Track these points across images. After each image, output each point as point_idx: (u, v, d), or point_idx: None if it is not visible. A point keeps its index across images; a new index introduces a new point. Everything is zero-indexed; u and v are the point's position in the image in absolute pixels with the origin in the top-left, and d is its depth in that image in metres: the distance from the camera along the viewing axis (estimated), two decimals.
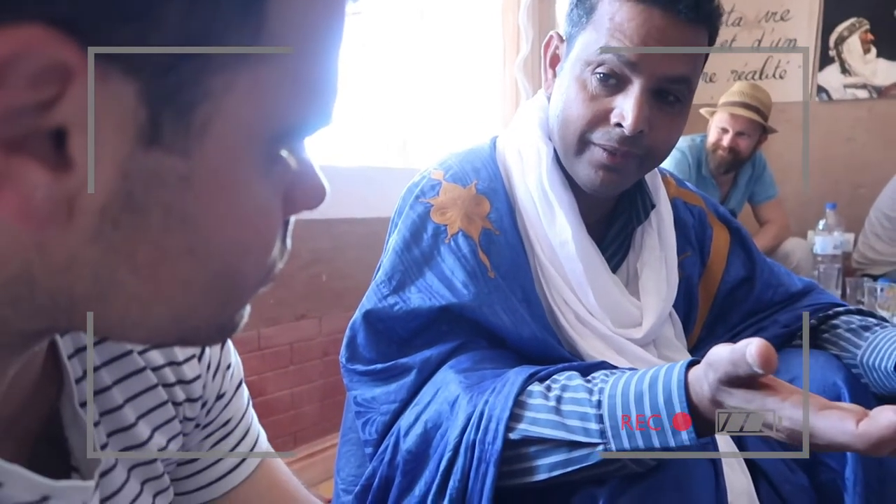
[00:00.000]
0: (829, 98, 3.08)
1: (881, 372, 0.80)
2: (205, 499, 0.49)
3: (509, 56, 2.35)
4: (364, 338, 0.77)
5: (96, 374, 0.39)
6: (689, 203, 0.99)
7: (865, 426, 0.47)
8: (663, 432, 0.57)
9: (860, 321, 0.89)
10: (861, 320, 0.90)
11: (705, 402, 0.56)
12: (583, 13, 0.77)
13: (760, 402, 0.52)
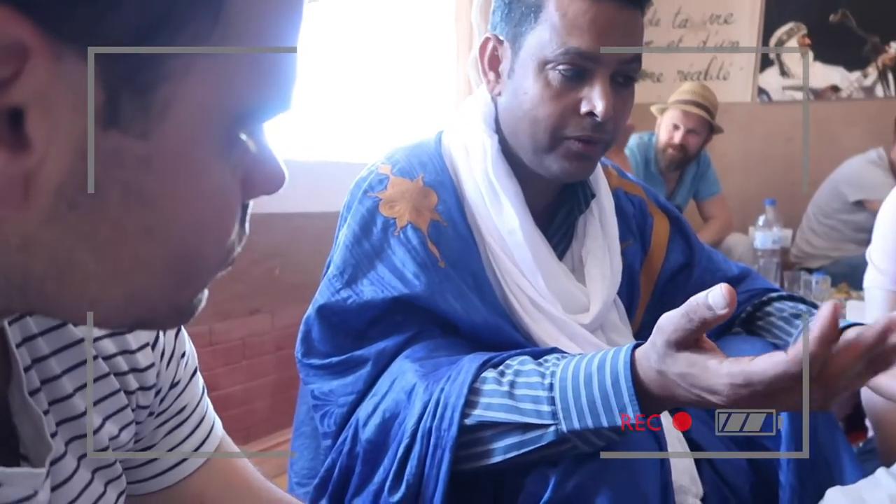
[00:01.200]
0: (770, 99, 3.19)
1: None
2: (159, 486, 0.49)
3: (462, 53, 2.37)
4: (319, 332, 0.78)
5: (45, 363, 0.39)
6: (630, 193, 1.03)
7: (794, 351, 0.51)
8: (610, 412, 0.60)
9: (791, 308, 0.94)
10: (793, 307, 0.94)
11: (651, 375, 0.58)
12: (528, 13, 0.79)
13: (703, 363, 0.54)
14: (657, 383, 0.58)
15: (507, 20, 0.82)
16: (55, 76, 0.23)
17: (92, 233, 0.26)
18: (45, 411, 0.37)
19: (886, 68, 2.97)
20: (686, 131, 2.38)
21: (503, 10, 0.83)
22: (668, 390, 0.58)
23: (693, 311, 0.53)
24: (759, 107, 3.21)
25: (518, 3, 0.80)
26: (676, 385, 0.57)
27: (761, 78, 3.20)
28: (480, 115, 0.86)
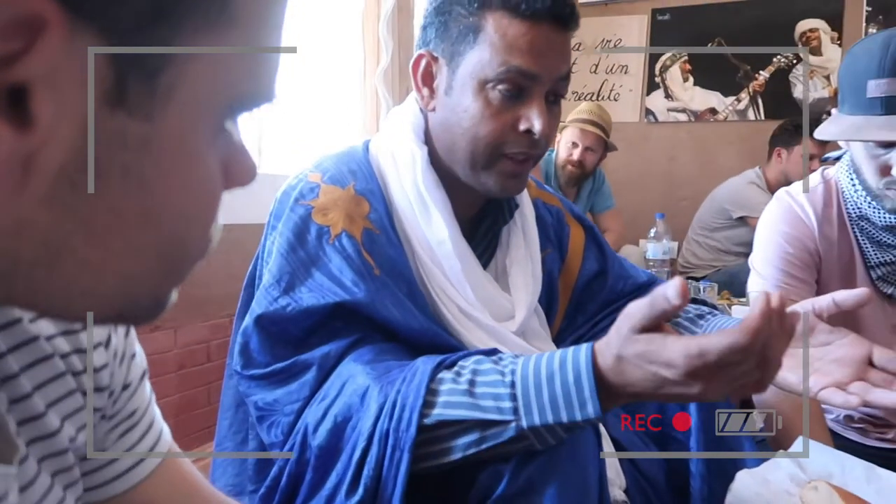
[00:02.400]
0: (656, 120, 3.42)
1: None
2: (113, 492, 0.47)
3: (370, 67, 2.39)
4: (258, 342, 0.75)
5: (3, 361, 0.37)
6: (548, 203, 1.07)
7: (745, 324, 0.55)
8: (571, 408, 0.62)
9: (696, 310, 1.01)
10: (696, 309, 1.02)
11: (610, 364, 0.60)
12: (466, 32, 0.80)
13: (661, 339, 0.57)
14: (615, 371, 0.60)
15: (443, 38, 0.83)
16: (67, 52, 0.22)
17: (89, 217, 0.26)
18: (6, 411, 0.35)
19: (757, 94, 3.26)
20: (584, 149, 2.51)
21: (438, 28, 0.84)
22: (626, 376, 0.60)
23: (655, 301, 0.57)
24: (646, 126, 3.43)
25: (455, 22, 0.82)
26: (634, 367, 0.59)
27: (648, 100, 3.42)
28: (410, 126, 0.87)
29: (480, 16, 0.79)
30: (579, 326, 1.06)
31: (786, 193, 1.24)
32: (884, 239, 1.14)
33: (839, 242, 1.19)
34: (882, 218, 1.11)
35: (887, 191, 1.07)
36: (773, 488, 0.75)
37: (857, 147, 1.11)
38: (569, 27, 0.81)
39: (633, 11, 3.43)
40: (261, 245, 0.85)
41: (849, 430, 1.27)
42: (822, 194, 1.20)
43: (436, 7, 0.85)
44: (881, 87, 1.01)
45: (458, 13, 0.81)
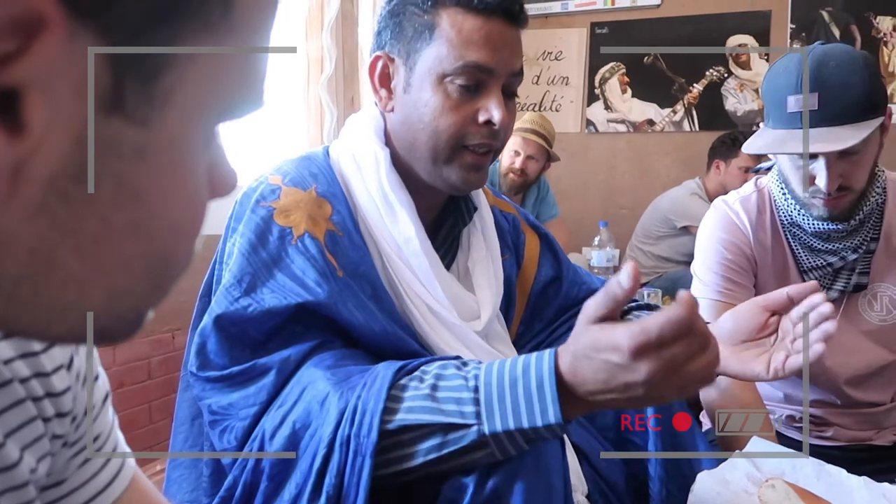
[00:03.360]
0: (596, 130, 3.50)
1: None
2: None
3: (313, 75, 2.36)
4: (215, 343, 0.73)
5: None
6: (504, 211, 1.09)
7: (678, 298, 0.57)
8: (532, 414, 0.62)
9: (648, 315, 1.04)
10: (648, 314, 1.04)
11: (567, 364, 0.61)
12: (421, 30, 0.82)
13: (609, 327, 0.58)
14: (571, 370, 0.60)
15: (398, 38, 0.85)
16: (65, 54, 0.21)
17: (78, 228, 0.24)
18: None
19: (691, 106, 3.38)
20: (525, 157, 2.54)
21: (393, 29, 0.86)
22: (579, 371, 0.60)
23: (608, 288, 0.59)
24: (587, 136, 3.51)
25: (410, 21, 0.83)
26: (586, 359, 0.59)
27: (588, 111, 3.50)
28: (371, 129, 0.88)
29: (435, 13, 0.82)
30: (537, 333, 1.07)
31: (722, 202, 1.29)
32: (815, 244, 1.20)
33: (773, 248, 1.24)
34: (811, 224, 1.17)
35: (813, 199, 1.13)
36: (732, 488, 0.77)
37: (783, 159, 1.16)
38: (519, 23, 0.84)
39: (573, 24, 3.50)
40: (218, 250, 0.83)
41: (790, 429, 1.32)
42: (756, 202, 1.25)
43: (390, 10, 0.87)
44: (799, 102, 1.07)
45: (412, 12, 0.83)
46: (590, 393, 0.61)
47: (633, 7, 3.41)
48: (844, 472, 0.82)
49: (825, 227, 1.16)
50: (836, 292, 1.21)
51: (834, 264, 1.20)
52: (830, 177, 1.07)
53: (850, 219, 1.15)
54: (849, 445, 1.27)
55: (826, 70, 1.05)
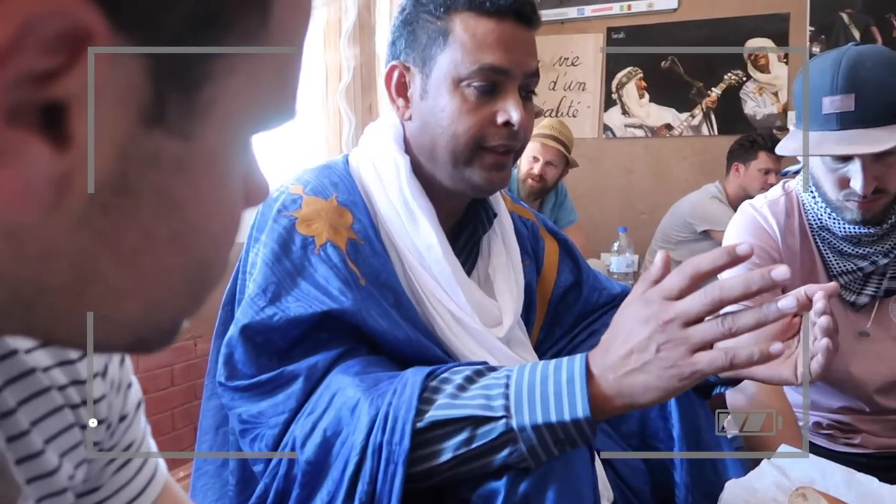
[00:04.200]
0: (614, 135, 3.49)
1: None
2: None
3: (332, 84, 2.37)
4: (242, 353, 0.73)
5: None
6: (524, 217, 1.08)
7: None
8: (561, 408, 0.62)
9: None
10: None
11: (596, 358, 0.63)
12: (435, 37, 0.83)
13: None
14: (601, 362, 0.63)
15: (413, 47, 0.85)
16: (108, 68, 0.21)
17: (119, 240, 0.24)
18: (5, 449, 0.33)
19: (710, 110, 3.35)
20: (544, 163, 2.54)
21: (407, 38, 0.86)
22: (607, 358, 0.63)
23: (643, 277, 0.65)
24: (604, 142, 3.50)
25: (423, 29, 0.84)
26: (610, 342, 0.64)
27: (606, 116, 3.48)
28: (391, 137, 0.88)
29: (448, 19, 0.82)
30: (558, 339, 1.07)
31: (749, 206, 1.28)
32: (844, 248, 1.18)
33: (801, 252, 1.22)
34: (842, 228, 1.15)
35: (846, 202, 1.11)
36: (760, 496, 0.76)
37: (815, 161, 1.15)
38: (531, 24, 0.84)
39: (589, 30, 3.50)
40: (240, 259, 0.84)
41: (817, 436, 1.30)
42: (784, 206, 1.24)
43: (403, 19, 0.87)
44: (835, 103, 1.06)
45: (425, 20, 0.84)
46: (617, 383, 0.62)
47: (650, 11, 3.40)
48: (876, 481, 0.81)
49: (856, 230, 1.14)
50: (866, 297, 1.19)
51: (864, 269, 1.18)
52: (866, 179, 1.06)
53: (883, 222, 1.14)
54: (877, 453, 1.24)
55: (863, 71, 1.04)
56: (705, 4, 3.31)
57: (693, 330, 0.60)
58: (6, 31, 0.19)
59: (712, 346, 0.61)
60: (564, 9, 3.49)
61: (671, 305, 0.61)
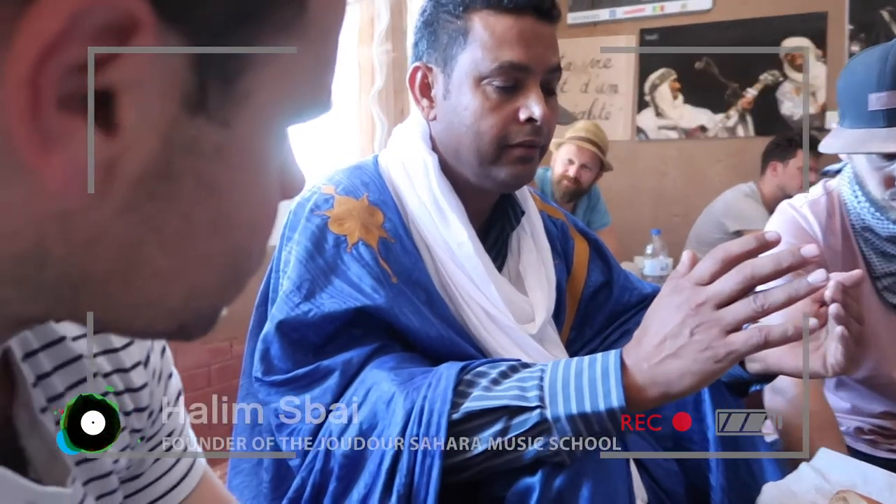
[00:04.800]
0: (647, 138, 3.45)
1: None
2: None
3: (364, 88, 2.39)
4: (278, 349, 0.75)
5: (49, 380, 0.36)
6: (553, 216, 1.08)
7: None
8: (595, 397, 0.62)
9: None
10: None
11: (630, 349, 0.63)
12: (456, 36, 0.83)
13: None
14: (635, 352, 0.63)
15: (434, 47, 0.86)
16: (154, 58, 0.22)
17: (162, 225, 0.25)
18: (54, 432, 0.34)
19: (745, 111, 3.30)
20: (579, 166, 2.53)
21: (429, 38, 0.87)
22: (641, 348, 0.63)
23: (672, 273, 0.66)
24: (637, 144, 3.46)
25: (443, 29, 0.85)
26: (643, 333, 0.64)
27: (639, 118, 3.45)
28: (418, 136, 0.89)
29: (467, 18, 0.83)
30: (589, 340, 1.06)
31: (789, 205, 1.25)
32: (888, 249, 1.15)
33: (843, 253, 1.19)
34: (886, 228, 1.12)
35: (892, 201, 1.08)
36: (800, 500, 0.75)
37: (860, 159, 1.12)
38: (551, 18, 0.84)
39: (622, 31, 3.47)
40: (273, 259, 0.85)
41: (859, 441, 1.27)
42: (826, 206, 1.21)
43: (424, 20, 0.88)
44: (882, 99, 1.03)
45: (445, 20, 0.85)
46: (651, 371, 0.62)
47: (683, 12, 3.36)
48: None
49: None
50: None
51: None
52: None
53: None
54: None
55: None
56: (740, 4, 3.26)
57: (725, 311, 0.60)
58: (58, 21, 0.20)
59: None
60: (596, 11, 3.47)
61: (702, 289, 0.61)
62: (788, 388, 1.08)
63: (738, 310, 0.60)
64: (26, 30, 0.20)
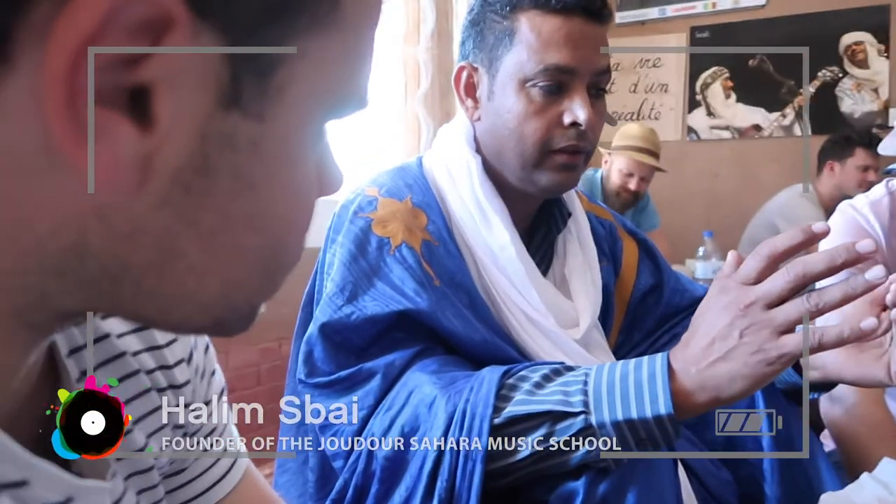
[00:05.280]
0: (698, 138, 3.37)
1: None
2: None
3: (410, 91, 2.40)
4: (322, 351, 0.76)
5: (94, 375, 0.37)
6: (601, 217, 1.06)
7: None
8: (642, 404, 0.60)
9: None
10: None
11: (677, 352, 0.62)
12: (502, 37, 0.82)
13: None
14: (682, 356, 0.61)
15: (480, 47, 0.85)
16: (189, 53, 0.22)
17: (198, 219, 0.25)
18: None
19: (802, 109, 3.19)
20: (640, 179, 2.48)
21: (475, 38, 0.86)
22: (688, 350, 0.61)
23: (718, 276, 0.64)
24: (688, 145, 3.39)
25: (490, 29, 0.84)
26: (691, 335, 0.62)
27: (690, 118, 3.38)
28: (462, 138, 0.88)
29: (514, 18, 0.81)
30: (637, 343, 1.04)
31: (849, 206, 1.21)
32: None
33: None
34: None
35: None
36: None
37: None
38: (601, 19, 0.82)
39: (671, 30, 3.40)
40: (318, 261, 0.86)
41: None
42: (889, 206, 1.16)
43: (471, 20, 0.87)
44: None
45: (492, 20, 0.83)
46: (699, 375, 0.60)
47: (736, 9, 3.28)
48: None
49: None
50: None
51: None
52: None
53: None
54: None
55: None
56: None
57: (776, 311, 0.57)
58: (93, 18, 0.20)
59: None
60: (645, 10, 3.41)
61: (750, 289, 0.58)
62: (847, 396, 1.03)
63: (790, 310, 0.57)
64: (62, 27, 0.20)
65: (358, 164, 2.26)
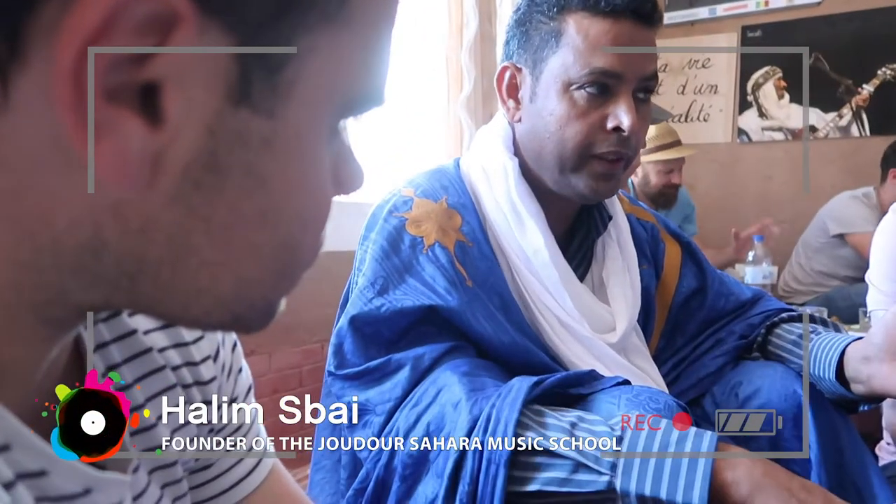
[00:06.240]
0: (749, 139, 3.28)
1: (827, 382, 0.85)
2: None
3: (453, 94, 2.41)
4: (351, 343, 0.76)
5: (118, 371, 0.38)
6: (642, 219, 1.04)
7: None
8: (675, 486, 0.57)
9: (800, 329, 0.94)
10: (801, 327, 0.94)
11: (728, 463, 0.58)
12: (548, 38, 0.81)
13: None
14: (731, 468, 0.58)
15: (525, 48, 0.84)
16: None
17: (210, 215, 0.25)
18: None
19: (860, 109, 3.08)
20: (678, 170, 2.45)
21: (520, 38, 0.85)
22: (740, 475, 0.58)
23: None
24: (739, 147, 3.30)
25: (536, 30, 0.82)
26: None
27: (740, 119, 3.29)
28: (500, 140, 0.88)
29: (561, 19, 0.80)
30: (679, 348, 1.01)
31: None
32: None
33: None
34: None
35: None
36: None
37: None
38: (651, 22, 0.79)
39: (722, 30, 3.32)
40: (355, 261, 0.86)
41: None
42: None
43: (517, 19, 0.86)
44: None
45: (538, 20, 0.82)
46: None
47: (790, 7, 3.18)
48: None
49: None
50: None
51: None
52: None
53: None
54: None
55: None
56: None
57: None
58: (99, 15, 0.20)
59: None
60: (695, 9, 3.34)
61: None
62: None
63: None
64: (70, 25, 0.21)
65: (400, 167, 2.27)
